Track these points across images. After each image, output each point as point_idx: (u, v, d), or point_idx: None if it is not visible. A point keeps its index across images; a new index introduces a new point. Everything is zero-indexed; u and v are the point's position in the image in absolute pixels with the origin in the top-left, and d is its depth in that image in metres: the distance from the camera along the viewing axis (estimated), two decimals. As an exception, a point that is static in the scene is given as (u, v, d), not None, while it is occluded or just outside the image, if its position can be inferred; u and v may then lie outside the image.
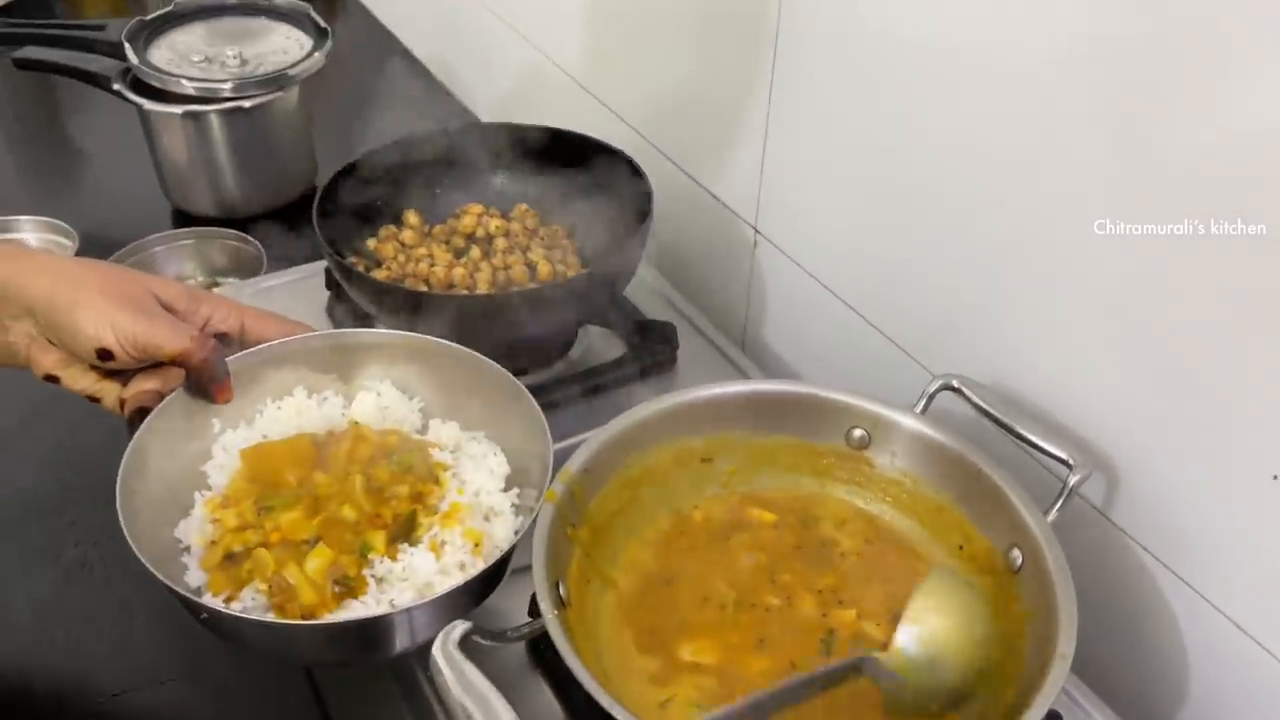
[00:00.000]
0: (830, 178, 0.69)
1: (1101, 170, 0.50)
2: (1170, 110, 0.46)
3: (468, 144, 0.80)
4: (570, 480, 0.51)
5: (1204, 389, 0.49)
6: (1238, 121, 0.44)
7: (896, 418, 0.56)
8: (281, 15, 1.05)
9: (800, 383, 0.59)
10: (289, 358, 0.57)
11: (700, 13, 0.76)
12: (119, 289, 0.53)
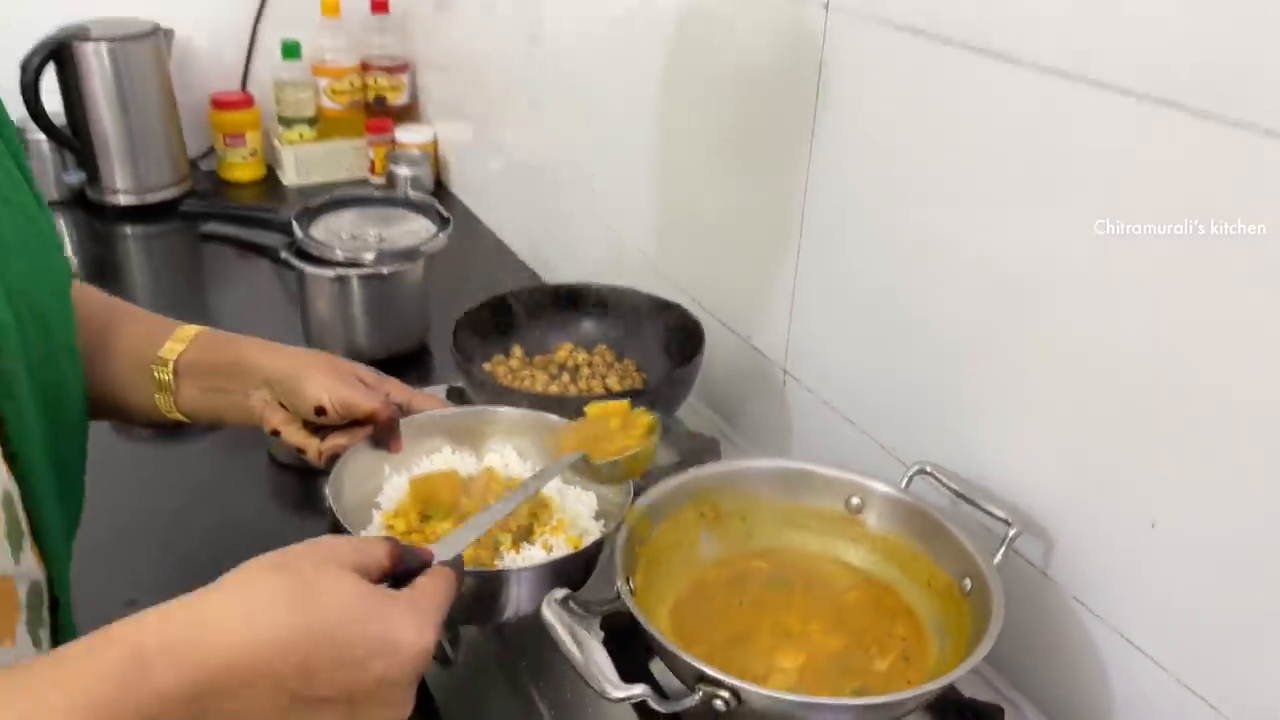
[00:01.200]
0: (842, 330, 0.91)
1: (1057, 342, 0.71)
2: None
3: (561, 298, 1.04)
4: (639, 513, 0.71)
5: (1099, 463, 0.68)
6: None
7: (884, 490, 0.75)
8: (414, 206, 1.33)
9: (812, 462, 0.79)
10: (440, 424, 0.78)
11: (740, 206, 1.00)
12: (332, 366, 0.75)
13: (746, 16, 0.94)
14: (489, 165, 1.67)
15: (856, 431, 0.89)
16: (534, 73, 1.42)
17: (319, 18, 1.76)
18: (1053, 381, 0.70)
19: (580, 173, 1.36)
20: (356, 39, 1.81)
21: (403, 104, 1.85)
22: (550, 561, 0.66)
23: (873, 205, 0.84)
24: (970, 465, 0.77)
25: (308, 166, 1.80)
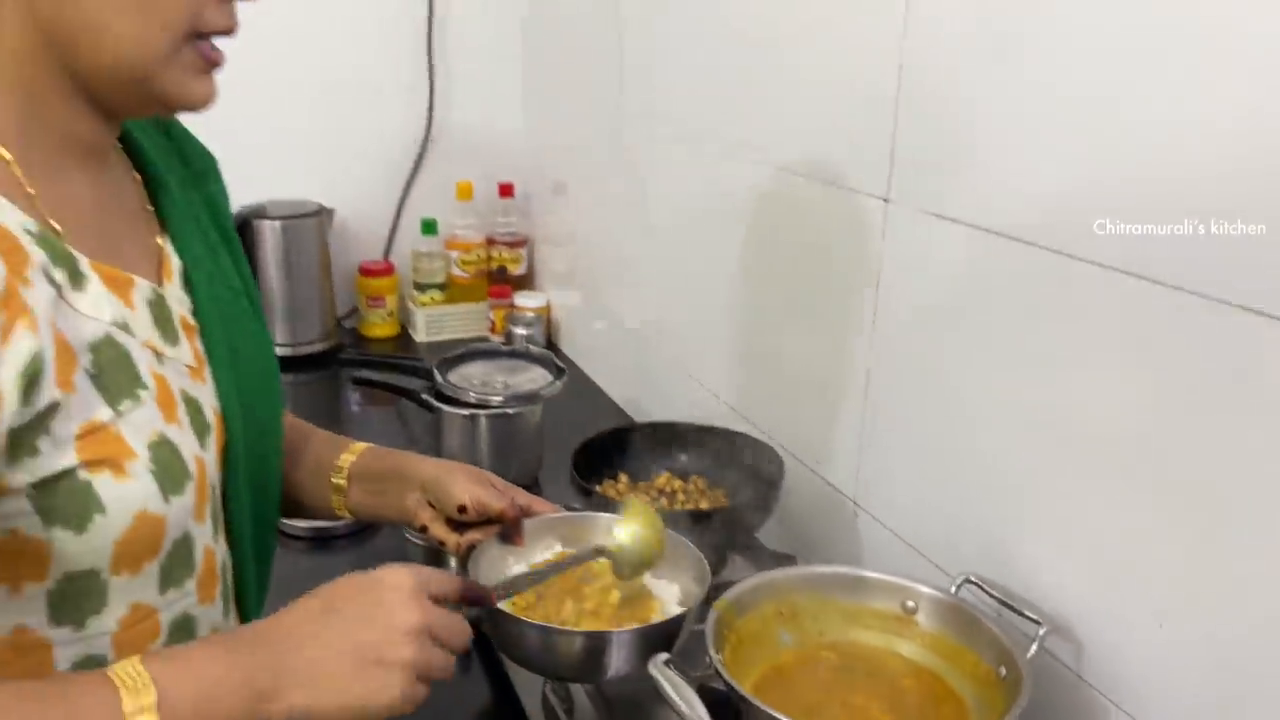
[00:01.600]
0: (904, 465, 1.06)
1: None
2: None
3: (661, 434, 1.22)
4: (726, 604, 0.86)
5: (1115, 574, 0.81)
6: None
7: (934, 594, 0.89)
8: (533, 358, 1.54)
9: (872, 570, 0.93)
10: (554, 525, 0.96)
11: (812, 359, 1.18)
12: (472, 473, 0.94)
13: (817, 206, 1.15)
14: (594, 325, 1.90)
15: (913, 552, 1.03)
16: (635, 248, 1.66)
17: (454, 200, 2.05)
18: (1082, 507, 0.85)
19: (672, 331, 1.56)
20: (484, 218, 2.10)
21: (521, 273, 2.11)
22: (644, 627, 0.82)
23: (930, 363, 1.01)
24: (1011, 576, 0.91)
25: (437, 325, 2.05)
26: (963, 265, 0.95)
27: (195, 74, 0.68)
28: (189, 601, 0.73)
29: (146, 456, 0.66)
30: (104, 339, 0.65)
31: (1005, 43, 0.87)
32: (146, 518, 0.66)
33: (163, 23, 0.64)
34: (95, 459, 0.63)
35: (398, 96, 2.02)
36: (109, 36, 0.64)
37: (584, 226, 1.91)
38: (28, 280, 0.59)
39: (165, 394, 0.70)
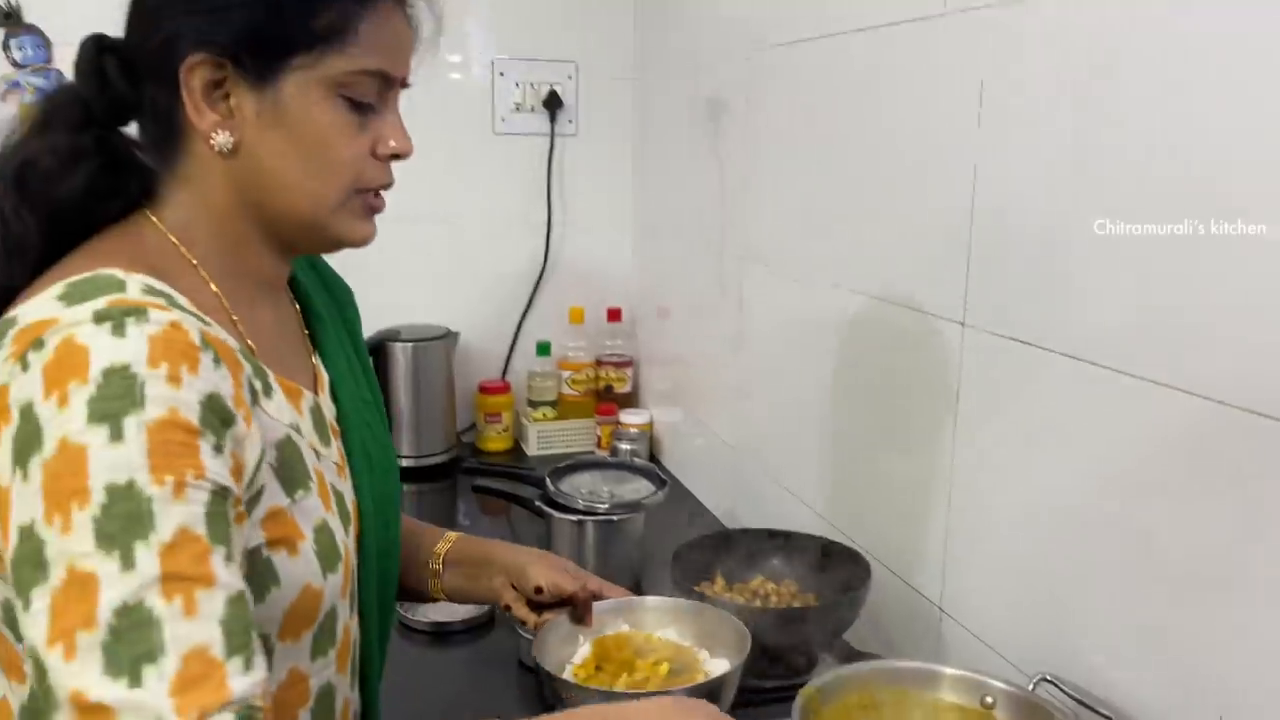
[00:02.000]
0: (984, 572, 1.13)
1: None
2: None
3: (756, 540, 1.31)
4: (811, 692, 0.94)
5: (1178, 671, 0.87)
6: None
7: (1011, 690, 0.95)
8: (638, 470, 1.66)
9: (954, 667, 0.99)
10: (621, 609, 1.10)
11: (897, 472, 1.27)
12: (548, 559, 1.08)
13: (899, 330, 1.25)
14: (694, 441, 2.01)
15: (993, 653, 1.09)
16: (732, 370, 1.77)
17: (566, 324, 2.22)
18: (1151, 613, 0.91)
19: (766, 446, 1.66)
20: (593, 340, 2.25)
21: (627, 392, 2.25)
22: (689, 686, 0.95)
23: (1007, 479, 1.09)
24: (1085, 676, 0.96)
25: (548, 440, 2.19)
26: (1036, 385, 1.03)
27: (359, 218, 0.83)
28: (330, 671, 0.84)
29: (311, 539, 0.78)
30: (285, 439, 0.78)
31: (1072, 180, 0.98)
32: (309, 591, 0.77)
33: (333, 182, 0.80)
34: (274, 539, 0.75)
35: (519, 232, 2.23)
36: (292, 193, 0.79)
37: (685, 349, 2.05)
38: (242, 385, 0.72)
39: (323, 487, 0.82)
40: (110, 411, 0.63)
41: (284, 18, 0.75)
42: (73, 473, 0.62)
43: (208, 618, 0.62)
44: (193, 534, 0.63)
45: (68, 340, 0.65)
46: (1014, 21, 1.03)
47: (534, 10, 2.16)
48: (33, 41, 1.87)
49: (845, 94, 1.38)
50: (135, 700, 0.58)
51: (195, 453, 0.65)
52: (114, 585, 0.60)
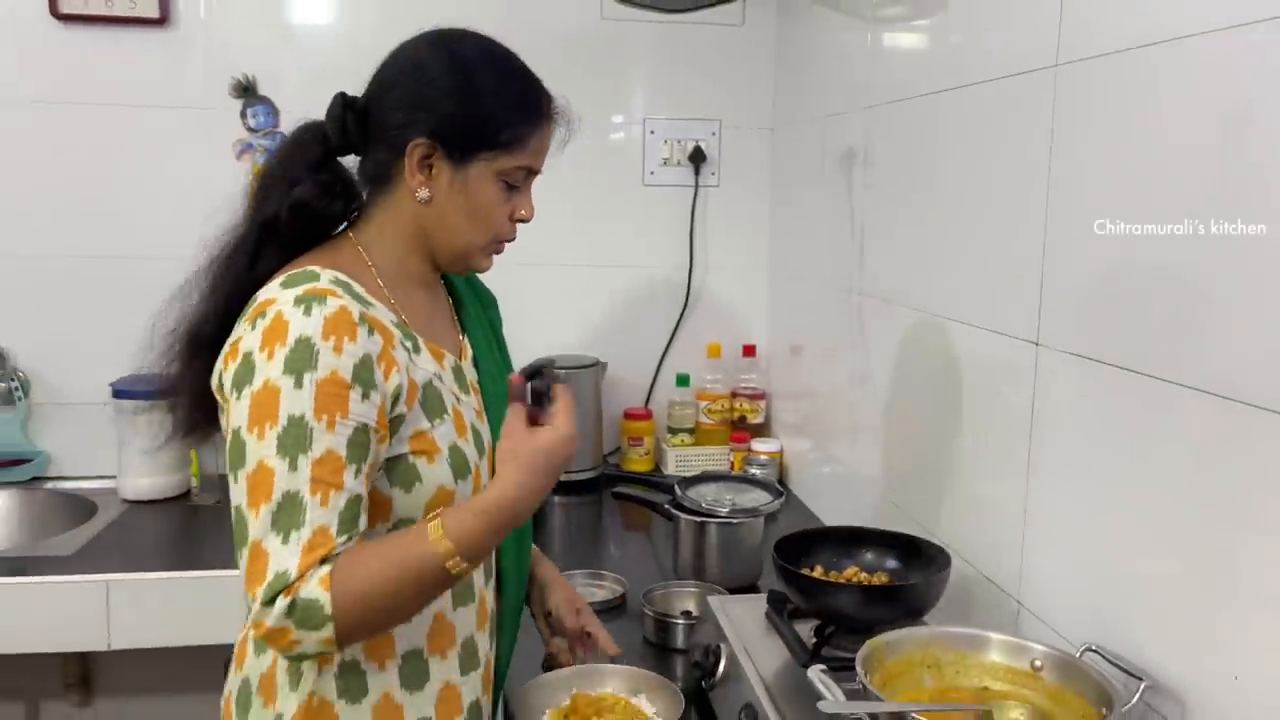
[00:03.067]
0: (1056, 570, 1.25)
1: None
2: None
3: (853, 536, 1.47)
4: (878, 643, 1.09)
5: (1203, 638, 0.98)
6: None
7: (1059, 656, 1.08)
8: (758, 483, 1.84)
9: (1009, 634, 1.12)
10: (609, 673, 1.34)
11: (983, 496, 1.40)
12: (567, 591, 1.36)
13: (986, 354, 1.39)
14: (821, 470, 2.16)
15: (1060, 638, 1.21)
16: (856, 406, 1.93)
17: (704, 358, 2.43)
18: (1190, 591, 1.03)
19: (886, 472, 1.80)
20: (729, 374, 2.45)
21: (759, 422, 2.43)
22: None
23: (1081, 485, 1.21)
24: (1129, 646, 1.08)
25: (684, 464, 2.39)
26: (1106, 399, 1.16)
27: (488, 257, 1.17)
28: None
29: (446, 454, 1.08)
30: (428, 382, 1.09)
31: (1135, 198, 1.12)
32: (443, 490, 1.07)
33: (483, 236, 1.13)
34: (417, 450, 1.05)
35: (663, 273, 2.47)
36: (457, 237, 1.13)
37: (815, 384, 2.21)
38: (394, 347, 1.04)
39: (459, 421, 1.12)
40: (296, 368, 0.96)
41: (484, 130, 1.09)
42: (270, 404, 0.96)
43: (333, 510, 0.95)
44: (336, 454, 0.96)
45: (278, 314, 0.99)
46: (1080, 78, 1.19)
47: (684, 74, 2.42)
48: (264, 110, 2.25)
49: (943, 143, 1.55)
50: (280, 552, 0.93)
51: (345, 401, 0.97)
52: (283, 479, 0.95)
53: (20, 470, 2.23)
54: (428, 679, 1.09)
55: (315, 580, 0.93)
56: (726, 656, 1.33)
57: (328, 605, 0.92)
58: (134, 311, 2.22)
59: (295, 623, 0.92)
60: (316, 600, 0.92)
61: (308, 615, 0.92)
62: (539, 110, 1.13)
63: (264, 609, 0.92)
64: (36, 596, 1.77)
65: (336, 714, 1.05)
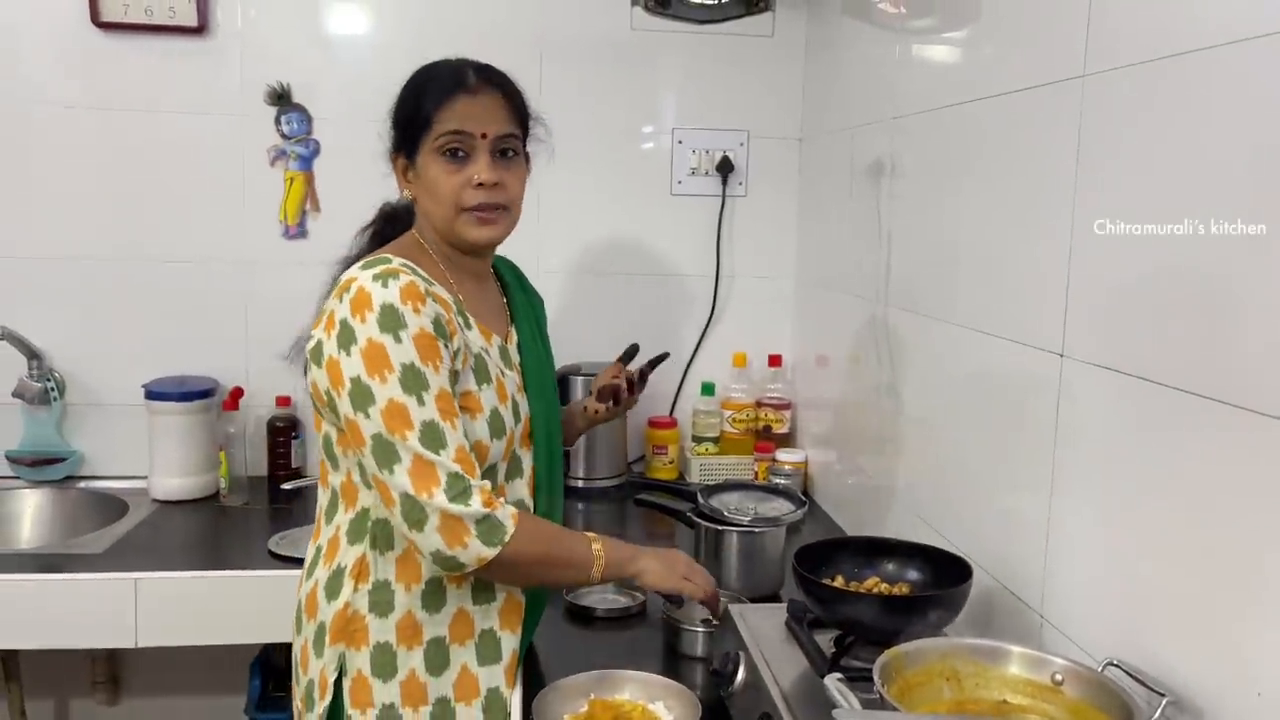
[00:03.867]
0: (1079, 582, 1.24)
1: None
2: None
3: (875, 546, 1.46)
4: (898, 653, 1.09)
5: (1227, 656, 0.97)
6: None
7: (1080, 670, 1.07)
8: (781, 492, 1.84)
9: (1030, 648, 1.11)
10: (627, 680, 1.35)
11: (1007, 509, 1.39)
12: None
13: (1010, 366, 1.39)
14: (845, 481, 2.16)
15: (1086, 655, 1.20)
16: (882, 417, 1.92)
17: (730, 367, 2.43)
18: (1222, 617, 1.01)
19: (911, 484, 1.80)
20: (755, 384, 2.45)
21: (784, 432, 2.43)
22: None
23: (1105, 498, 1.20)
24: (1152, 661, 1.07)
25: (709, 473, 2.39)
26: (1131, 411, 1.15)
27: (473, 226, 1.31)
28: (524, 493, 1.38)
29: (487, 415, 1.28)
30: (478, 354, 1.30)
31: (1162, 207, 1.12)
32: (481, 445, 1.26)
33: (448, 209, 1.30)
34: (464, 406, 1.25)
35: (689, 282, 2.47)
36: (432, 217, 1.32)
37: (841, 394, 2.20)
38: (453, 315, 1.27)
39: (501, 389, 1.32)
40: (391, 327, 1.18)
41: (414, 122, 1.30)
42: (381, 356, 1.17)
43: (459, 434, 1.20)
44: (447, 391, 1.21)
45: (360, 288, 1.20)
46: (1105, 88, 1.19)
47: (713, 84, 2.42)
48: (298, 117, 2.29)
49: (971, 154, 1.54)
50: (440, 459, 1.17)
51: (438, 351, 1.20)
52: (417, 411, 1.17)
53: (54, 469, 2.27)
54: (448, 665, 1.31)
55: (509, 511, 1.19)
56: (745, 665, 1.33)
57: (508, 533, 1.18)
58: (168, 314, 2.31)
59: (478, 529, 1.16)
60: (504, 525, 1.18)
61: (492, 530, 1.17)
62: (443, 84, 1.29)
63: (454, 502, 1.15)
64: (66, 593, 1.80)
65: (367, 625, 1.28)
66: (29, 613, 1.80)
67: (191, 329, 2.32)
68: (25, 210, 2.26)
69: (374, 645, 1.27)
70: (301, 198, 2.30)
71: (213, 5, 2.24)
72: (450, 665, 1.30)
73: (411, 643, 1.28)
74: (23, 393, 2.24)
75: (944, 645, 1.13)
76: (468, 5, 2.31)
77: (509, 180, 1.31)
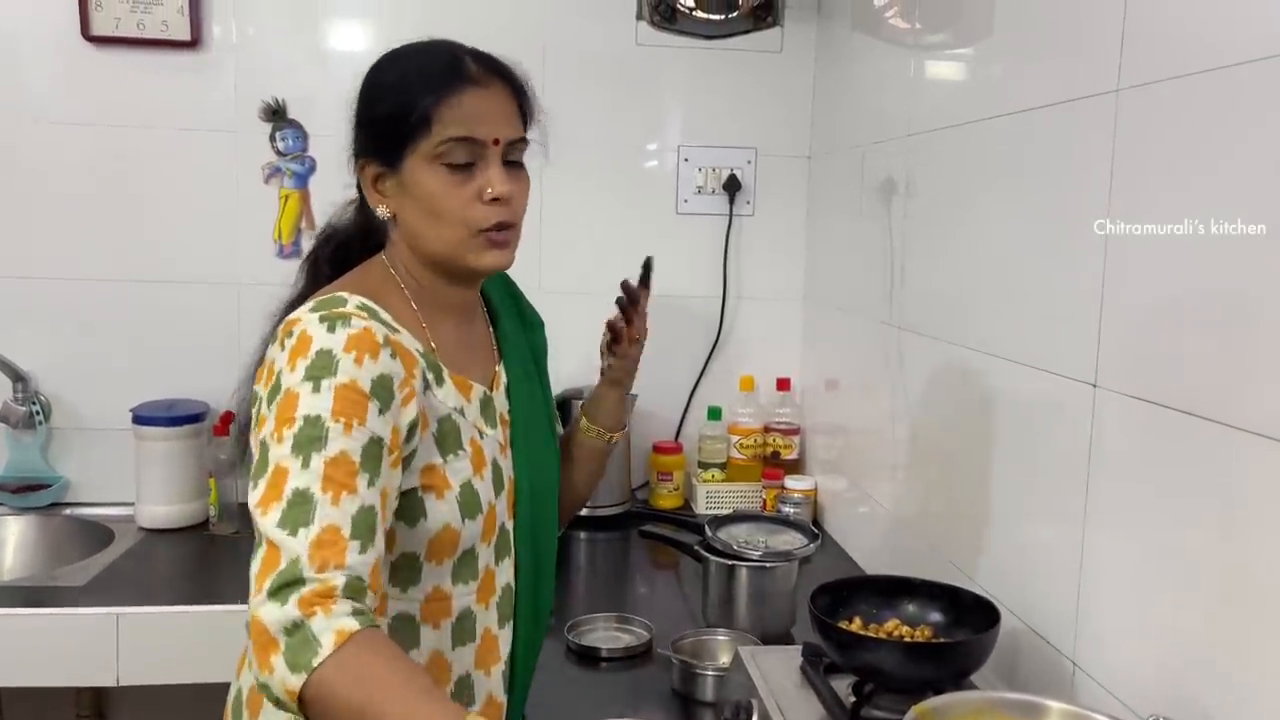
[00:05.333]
0: (1115, 629, 1.17)
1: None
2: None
3: (893, 585, 1.38)
4: (927, 708, 1.01)
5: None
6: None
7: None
8: (792, 524, 1.76)
9: (1072, 704, 1.04)
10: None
11: (1039, 541, 1.32)
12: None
13: (1037, 395, 1.32)
14: (857, 509, 2.08)
15: (1129, 711, 1.12)
16: (893, 443, 1.85)
17: (737, 391, 2.36)
18: (1270, 655, 0.94)
19: (925, 515, 1.72)
20: (763, 408, 2.38)
21: (793, 459, 2.35)
22: None
23: (1145, 535, 1.13)
24: (1202, 717, 0.99)
25: (715, 500, 2.31)
26: (1166, 443, 1.08)
27: (485, 250, 1.08)
28: (470, 599, 1.11)
29: (457, 492, 1.05)
30: (446, 416, 1.07)
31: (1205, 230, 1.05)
32: (449, 529, 1.05)
33: (454, 231, 1.07)
34: (426, 485, 1.04)
35: (695, 304, 2.40)
36: (427, 240, 1.08)
37: (851, 420, 2.13)
38: (414, 375, 1.03)
39: (479, 457, 1.09)
40: (315, 375, 0.96)
41: (396, 123, 1.05)
42: (288, 408, 0.95)
43: (345, 511, 0.91)
44: (350, 458, 0.93)
45: (304, 332, 0.99)
46: (1143, 101, 1.12)
47: (720, 101, 2.36)
48: (293, 134, 2.22)
49: (990, 172, 1.48)
50: (290, 544, 0.88)
51: (364, 410, 0.95)
52: (296, 478, 0.91)
53: (39, 495, 2.20)
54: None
55: (335, 625, 0.83)
56: (758, 713, 1.25)
57: (320, 657, 0.82)
58: (157, 335, 2.24)
59: (286, 643, 0.83)
60: (316, 644, 0.82)
61: (300, 650, 0.82)
62: (442, 77, 1.05)
63: (268, 603, 0.85)
64: (47, 629, 1.72)
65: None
66: (9, 648, 1.72)
67: (182, 351, 2.24)
68: (11, 228, 2.19)
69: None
70: (296, 216, 2.24)
71: (206, 19, 2.18)
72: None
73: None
74: (7, 416, 2.17)
75: (976, 700, 1.05)
76: (467, 19, 2.22)
77: (518, 194, 1.09)
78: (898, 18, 1.87)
